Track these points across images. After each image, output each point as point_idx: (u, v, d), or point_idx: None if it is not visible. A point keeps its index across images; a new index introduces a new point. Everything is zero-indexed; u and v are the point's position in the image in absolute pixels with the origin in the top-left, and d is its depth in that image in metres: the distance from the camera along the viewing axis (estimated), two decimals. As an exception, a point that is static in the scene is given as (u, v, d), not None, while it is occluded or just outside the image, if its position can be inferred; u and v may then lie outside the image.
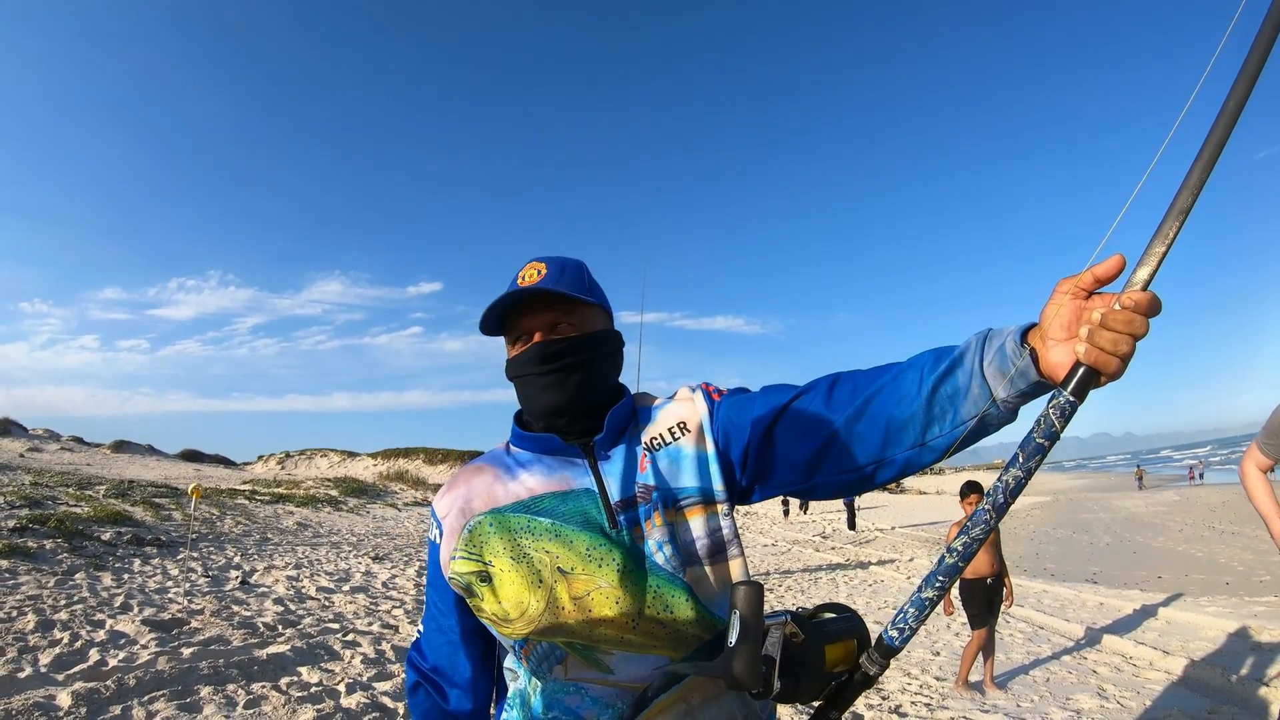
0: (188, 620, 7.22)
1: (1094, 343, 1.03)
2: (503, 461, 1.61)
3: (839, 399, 1.40)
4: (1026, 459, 1.11)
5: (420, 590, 10.09)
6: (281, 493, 25.85)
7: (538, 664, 1.46)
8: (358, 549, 15.49)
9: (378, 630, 7.54)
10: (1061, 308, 1.10)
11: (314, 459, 57.32)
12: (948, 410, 1.26)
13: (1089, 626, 8.92)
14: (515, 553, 1.46)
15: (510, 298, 1.55)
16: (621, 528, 1.48)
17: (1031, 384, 1.15)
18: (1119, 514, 31.55)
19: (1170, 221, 1.03)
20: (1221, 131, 1.02)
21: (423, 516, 26.30)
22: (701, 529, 1.50)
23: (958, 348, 1.27)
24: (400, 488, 34.79)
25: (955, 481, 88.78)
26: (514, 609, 1.45)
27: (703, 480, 1.53)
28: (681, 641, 1.44)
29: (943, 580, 1.22)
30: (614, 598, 1.42)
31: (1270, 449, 3.56)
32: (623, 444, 1.57)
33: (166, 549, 12.06)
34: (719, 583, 1.50)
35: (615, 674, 1.42)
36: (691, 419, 1.58)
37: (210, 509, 17.98)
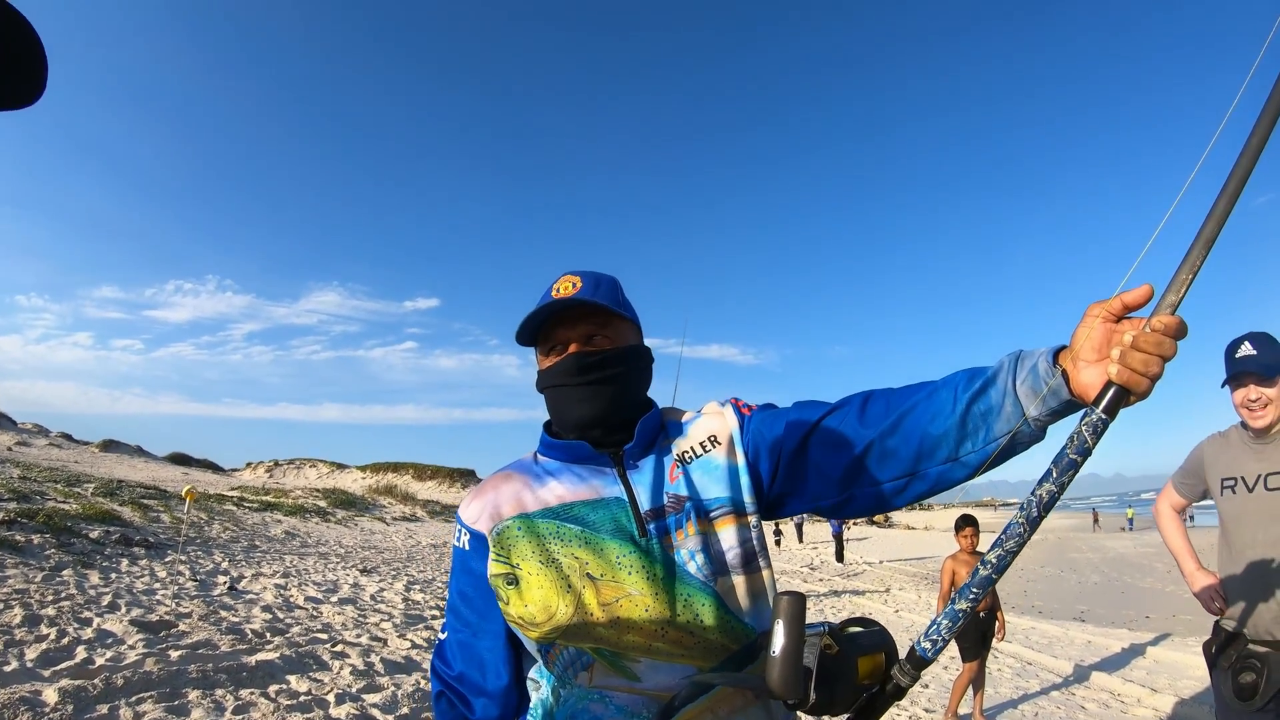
0: (175, 623, 7.15)
1: (1126, 363, 1.10)
2: (530, 470, 1.62)
3: (873, 415, 1.45)
4: (1060, 474, 1.15)
5: (410, 605, 10.04)
6: (270, 501, 25.76)
7: (563, 670, 1.45)
8: (345, 561, 15.39)
9: (366, 642, 7.47)
10: (1093, 331, 1.17)
11: (303, 469, 57.13)
12: (980, 427, 1.31)
13: (1077, 663, 8.93)
14: (544, 557, 1.47)
15: (549, 308, 1.56)
16: (651, 536, 1.48)
17: (1063, 403, 1.22)
18: (1107, 554, 31.56)
19: (1197, 250, 1.10)
20: (1246, 164, 1.09)
21: (411, 531, 26.22)
22: (733, 539, 1.51)
23: (991, 368, 1.33)
24: (389, 502, 34.66)
25: (945, 517, 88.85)
26: (540, 612, 1.45)
27: (733, 491, 1.54)
28: (710, 651, 1.43)
29: (976, 592, 1.23)
30: (643, 605, 1.43)
31: (1185, 489, 3.63)
32: (652, 455, 1.59)
33: (154, 550, 12.00)
34: (749, 593, 1.50)
35: (642, 682, 1.41)
36: (722, 432, 1.61)
37: (198, 513, 17.92)
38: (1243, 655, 3.14)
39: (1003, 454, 1.32)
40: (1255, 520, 3.16)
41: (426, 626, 8.65)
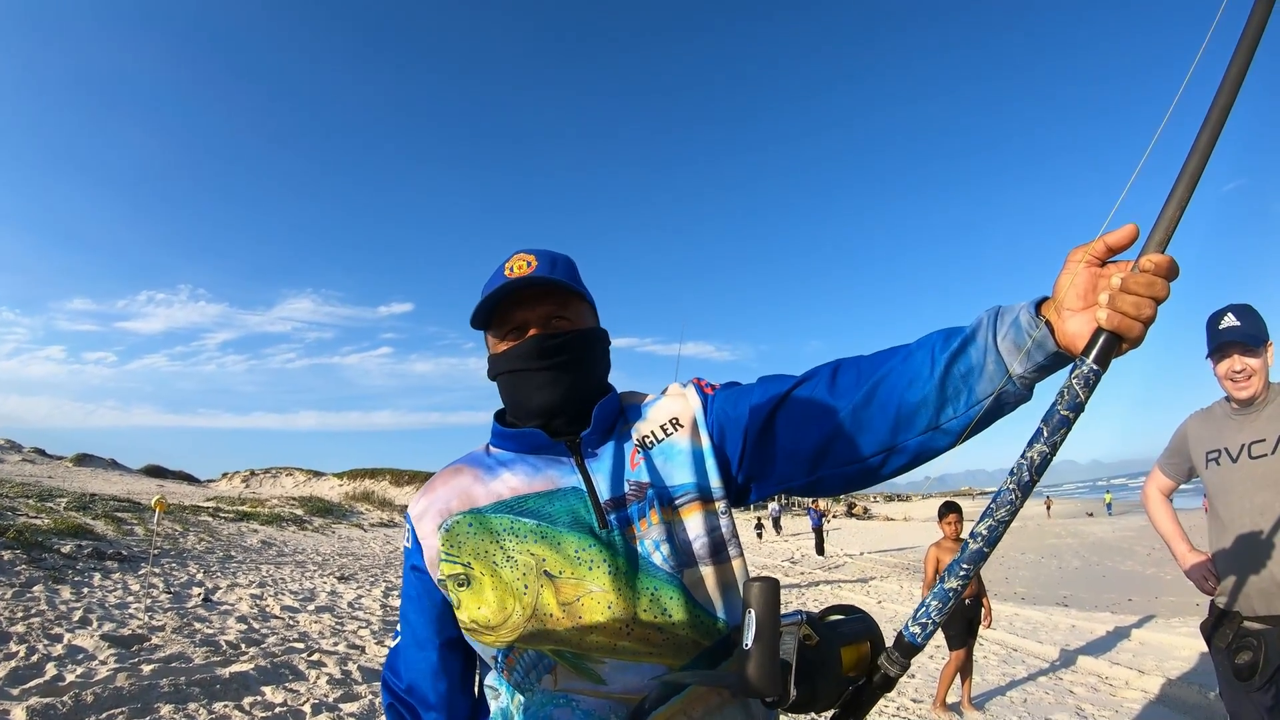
0: (148, 637, 7.02)
1: (1116, 308, 1.00)
2: (482, 462, 1.52)
3: (843, 385, 1.34)
4: (1051, 433, 1.06)
5: (388, 611, 9.95)
6: (246, 510, 25.55)
7: (524, 675, 1.35)
8: (323, 569, 15.27)
9: (344, 650, 7.37)
10: (1077, 276, 1.08)
11: (279, 477, 56.93)
12: (962, 390, 1.21)
13: (1063, 648, 8.94)
14: (498, 555, 1.37)
15: (506, 287, 1.45)
16: (612, 527, 1.38)
17: (1049, 356, 1.12)
18: (1086, 539, 31.74)
19: (1183, 185, 1.01)
20: (1226, 96, 1.01)
21: (390, 537, 26.13)
22: (700, 527, 1.42)
23: (968, 325, 1.23)
24: (366, 508, 34.49)
25: (924, 508, 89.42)
26: (496, 615, 1.35)
27: (699, 477, 1.45)
28: (680, 648, 1.34)
29: (967, 569, 1.14)
30: (606, 602, 1.33)
31: (1172, 469, 3.59)
32: (611, 441, 1.49)
33: (128, 564, 11.83)
34: (719, 585, 1.41)
35: (608, 684, 1.31)
36: (684, 414, 1.51)
37: (173, 525, 17.71)
38: (1239, 634, 3.09)
39: (987, 417, 1.22)
40: (1242, 489, 3.13)
41: (406, 632, 8.54)
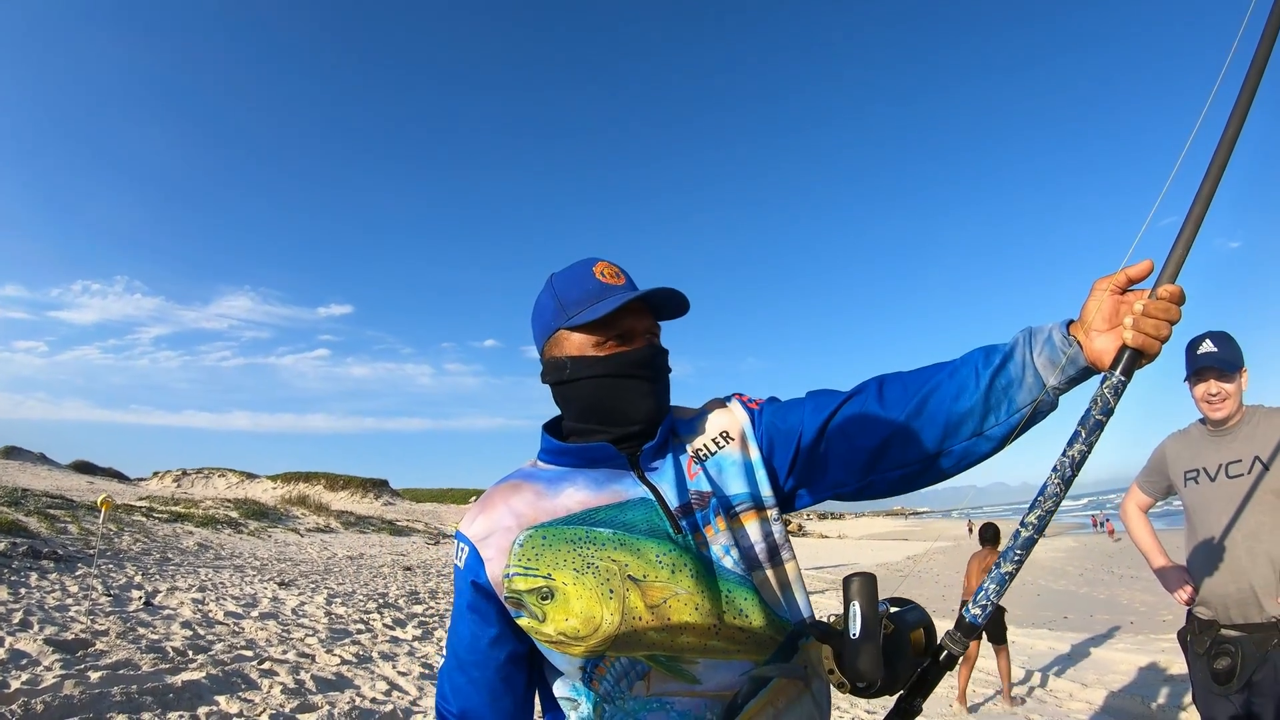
0: (92, 641, 6.80)
1: (1140, 329, 1.22)
2: (538, 477, 1.55)
3: (892, 398, 1.47)
4: (1089, 434, 1.28)
5: (333, 619, 9.78)
6: (180, 511, 25.03)
7: (614, 684, 1.38)
8: (262, 574, 14.97)
9: (294, 659, 7.21)
10: (1103, 303, 1.29)
11: (211, 478, 55.96)
12: (1003, 400, 1.37)
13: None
14: (579, 564, 1.40)
15: (633, 295, 1.50)
16: (685, 533, 1.45)
17: (1080, 370, 1.33)
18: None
19: (1189, 227, 1.26)
20: (1224, 150, 1.25)
21: (326, 543, 25.77)
22: (758, 533, 1.51)
23: (1005, 344, 1.41)
24: (302, 512, 33.93)
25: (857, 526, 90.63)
26: (584, 625, 1.37)
27: (751, 486, 1.54)
28: (761, 645, 1.42)
29: (1020, 554, 1.31)
30: (693, 604, 1.39)
31: (1150, 487, 3.77)
32: (669, 454, 1.55)
33: (64, 564, 11.54)
34: (779, 586, 1.51)
35: (702, 683, 1.37)
36: (733, 427, 1.61)
37: (108, 525, 17.31)
38: (1217, 641, 3.27)
39: (1024, 425, 1.38)
40: (1219, 508, 3.30)
41: (353, 641, 8.41)
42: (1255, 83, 1.27)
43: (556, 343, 1.58)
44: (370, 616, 10.26)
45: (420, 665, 7.52)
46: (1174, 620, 13.30)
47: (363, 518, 37.67)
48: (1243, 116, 1.26)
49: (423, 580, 16.59)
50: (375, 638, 8.83)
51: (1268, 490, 3.18)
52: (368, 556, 22.77)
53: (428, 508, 57.44)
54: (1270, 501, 3.18)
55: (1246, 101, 1.26)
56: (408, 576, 17.39)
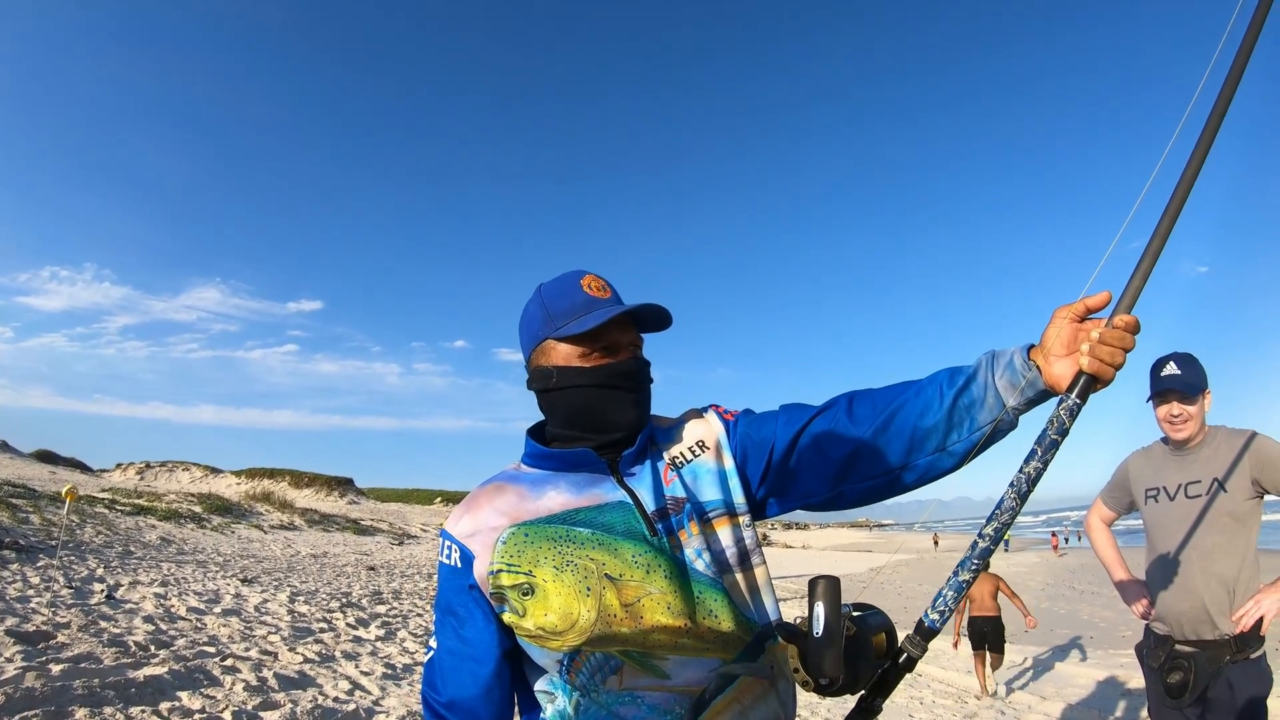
0: (54, 634, 6.77)
1: (1096, 355, 1.32)
2: (522, 479, 1.64)
3: (861, 414, 1.57)
4: (1044, 452, 1.38)
5: (295, 617, 9.74)
6: (143, 504, 24.75)
7: (589, 677, 1.47)
8: (225, 570, 14.89)
9: (256, 656, 7.19)
10: (1062, 330, 1.39)
11: (175, 472, 55.39)
12: (965, 419, 1.47)
13: (966, 674, 9.20)
14: (558, 562, 1.49)
15: (619, 310, 1.59)
16: (660, 535, 1.54)
17: (1038, 393, 1.42)
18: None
19: (1147, 261, 1.37)
20: (1183, 190, 1.38)
21: (289, 540, 25.63)
22: (730, 538, 1.61)
23: (969, 366, 1.51)
24: (266, 509, 33.66)
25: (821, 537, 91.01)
26: (562, 620, 1.47)
27: (725, 494, 1.63)
28: (729, 643, 1.51)
29: (977, 563, 1.42)
30: (665, 603, 1.48)
31: (1113, 502, 3.88)
32: (646, 461, 1.64)
33: (25, 554, 11.44)
34: (748, 589, 1.60)
35: (672, 679, 1.45)
36: (709, 437, 1.70)
37: (70, 516, 17.16)
38: (1171, 656, 3.38)
39: (985, 442, 1.48)
40: (1176, 527, 3.40)
41: (316, 640, 8.39)
42: (1216, 125, 1.39)
43: (544, 352, 1.66)
44: (333, 615, 10.22)
45: (383, 665, 7.51)
46: (1133, 636, 13.47)
47: (327, 516, 37.40)
48: (1202, 158, 1.38)
49: (386, 580, 16.52)
50: (338, 637, 8.80)
51: (1223, 512, 3.28)
52: (331, 555, 22.64)
53: (392, 507, 57.14)
54: (1226, 523, 3.28)
55: (1207, 143, 1.38)
56: (371, 576, 17.32)
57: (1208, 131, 1.39)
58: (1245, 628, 3.18)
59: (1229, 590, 3.24)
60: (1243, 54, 1.41)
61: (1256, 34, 1.42)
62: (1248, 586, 3.25)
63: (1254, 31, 1.42)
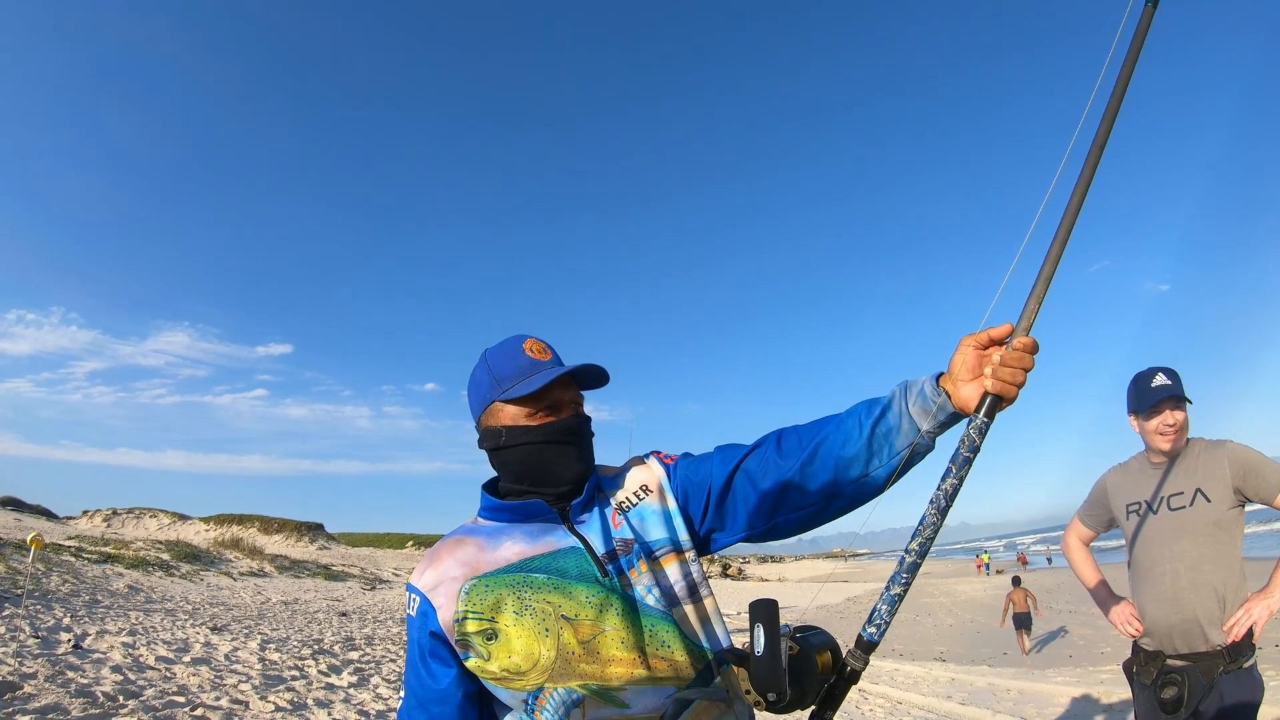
0: (20, 684, 6.63)
1: (999, 377, 1.47)
2: (479, 532, 1.77)
3: (789, 448, 1.71)
4: (959, 469, 1.50)
5: (266, 665, 9.61)
6: (110, 552, 24.39)
7: (554, 712, 1.56)
8: (194, 618, 14.62)
9: (227, 705, 7.08)
10: (967, 356, 1.53)
11: (143, 518, 54.51)
12: (884, 445, 1.61)
13: (945, 699, 9.20)
14: (518, 607, 1.61)
15: (560, 372, 1.75)
16: (612, 576, 1.67)
17: (949, 415, 1.56)
18: (958, 597, 32.77)
19: (1040, 286, 1.52)
20: (1068, 221, 1.54)
21: (259, 587, 25.32)
22: (677, 574, 1.74)
23: (885, 397, 1.65)
24: (235, 555, 33.22)
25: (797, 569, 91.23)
26: (525, 661, 1.58)
27: (670, 532, 1.77)
28: (683, 670, 1.62)
29: (906, 577, 1.54)
30: (619, 639, 1.60)
31: (1091, 520, 3.88)
32: (595, 508, 1.78)
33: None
34: (698, 620, 1.73)
35: (631, 708, 1.56)
36: (652, 481, 1.84)
37: (36, 564, 16.90)
38: (1163, 671, 3.36)
39: (905, 465, 1.61)
40: (1160, 539, 3.41)
41: (288, 688, 8.27)
42: (1095, 161, 1.57)
43: (492, 413, 1.81)
44: (305, 663, 10.08)
45: (356, 712, 7.42)
46: (1112, 653, 13.54)
47: (297, 562, 36.98)
48: (1084, 189, 1.56)
49: (359, 626, 16.36)
50: (310, 684, 8.69)
51: (1208, 522, 3.30)
52: (302, 601, 22.40)
53: (364, 552, 56.57)
54: (1212, 533, 3.29)
55: (1087, 177, 1.56)
56: (343, 622, 17.11)
57: (1088, 167, 1.56)
58: (1237, 637, 3.19)
59: (1220, 599, 3.25)
60: (1119, 87, 1.60)
61: (1132, 67, 1.60)
62: (1237, 595, 3.27)
63: (1129, 65, 1.60)
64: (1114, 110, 1.59)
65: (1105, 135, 1.57)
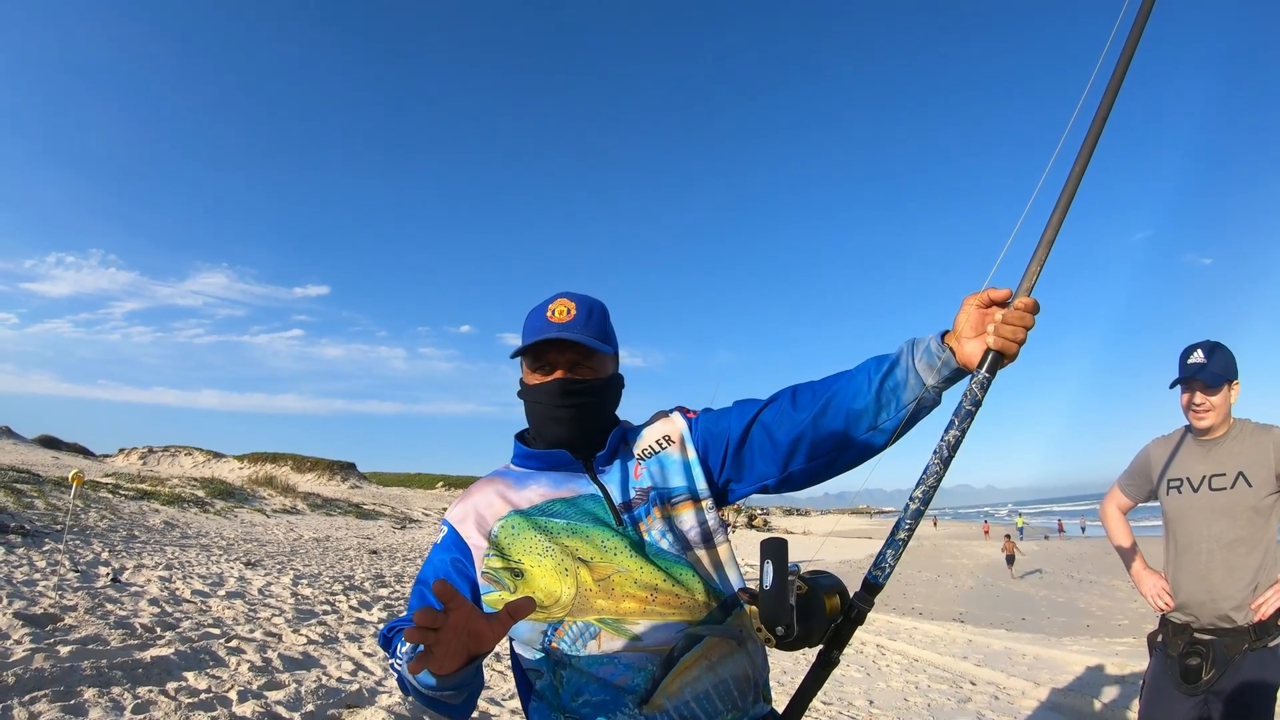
0: (61, 616, 6.86)
1: (1000, 334, 1.54)
2: (509, 475, 1.90)
3: (802, 402, 1.79)
4: (961, 421, 1.60)
5: (299, 600, 9.83)
6: (146, 489, 24.86)
7: (571, 643, 1.67)
8: (228, 553, 14.96)
9: (261, 638, 7.28)
10: (970, 315, 1.60)
11: (178, 457, 55.42)
12: (892, 399, 1.68)
13: (961, 659, 9.26)
14: (540, 548, 1.73)
15: (545, 335, 1.81)
16: (626, 524, 1.78)
17: (953, 371, 1.62)
18: (980, 560, 32.75)
19: (1042, 249, 1.60)
20: (1074, 179, 1.60)
21: (292, 524, 25.79)
22: (692, 520, 1.83)
23: (893, 353, 1.71)
24: (269, 493, 33.73)
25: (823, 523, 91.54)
26: (546, 598, 1.69)
27: (689, 481, 1.86)
28: (694, 609, 1.71)
29: (910, 524, 1.64)
30: (632, 578, 1.70)
31: (1132, 489, 3.86)
32: (618, 460, 1.88)
33: (31, 539, 11.54)
34: (713, 564, 1.82)
35: (644, 640, 1.66)
36: (674, 433, 1.94)
37: (74, 501, 17.24)
38: (1190, 643, 3.39)
39: (911, 418, 1.68)
40: (1200, 518, 3.41)
41: (319, 622, 8.47)
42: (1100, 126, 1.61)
43: (522, 366, 1.93)
44: (336, 598, 10.31)
45: (386, 647, 7.57)
46: (1130, 625, 13.55)
47: (329, 500, 37.56)
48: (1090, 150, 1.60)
49: (388, 564, 16.62)
50: (341, 619, 8.89)
51: (1247, 506, 3.30)
52: (334, 539, 22.76)
53: (395, 492, 57.28)
54: (1249, 517, 3.30)
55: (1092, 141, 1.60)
56: (373, 560, 17.42)
57: (1093, 131, 1.61)
58: (1265, 615, 3.22)
59: (1251, 582, 3.26)
60: (1129, 46, 1.64)
61: (1142, 26, 1.64)
62: (1269, 579, 3.28)
63: (1139, 24, 1.64)
64: (1121, 73, 1.62)
65: (1111, 100, 1.61)
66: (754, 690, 1.76)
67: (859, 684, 8.24)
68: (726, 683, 1.68)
